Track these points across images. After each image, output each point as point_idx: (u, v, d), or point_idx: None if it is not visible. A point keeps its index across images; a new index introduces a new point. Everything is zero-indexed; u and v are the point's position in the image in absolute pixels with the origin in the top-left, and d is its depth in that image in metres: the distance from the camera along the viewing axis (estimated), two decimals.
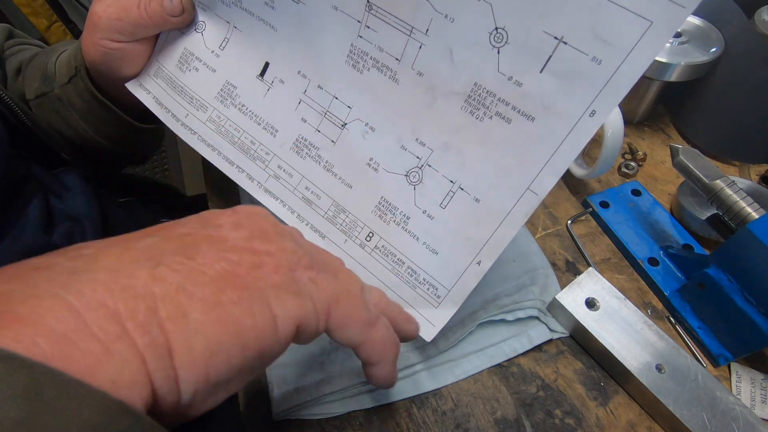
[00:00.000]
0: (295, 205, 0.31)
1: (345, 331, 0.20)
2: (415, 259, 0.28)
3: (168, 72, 0.35)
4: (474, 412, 0.32)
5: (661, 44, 0.20)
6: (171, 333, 0.14)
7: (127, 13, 0.31)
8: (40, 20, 1.62)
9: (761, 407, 0.32)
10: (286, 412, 0.32)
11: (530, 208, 0.25)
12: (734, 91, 0.43)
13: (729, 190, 0.32)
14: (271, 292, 0.17)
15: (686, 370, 0.31)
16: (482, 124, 0.25)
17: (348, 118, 0.29)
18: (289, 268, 0.18)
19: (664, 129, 0.50)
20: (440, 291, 0.28)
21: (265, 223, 0.20)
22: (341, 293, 0.20)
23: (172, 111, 0.35)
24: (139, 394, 0.13)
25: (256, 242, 0.18)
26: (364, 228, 0.29)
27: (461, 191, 0.26)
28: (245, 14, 0.32)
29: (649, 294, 0.38)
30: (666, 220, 0.41)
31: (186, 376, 0.14)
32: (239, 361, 0.16)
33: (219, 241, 0.18)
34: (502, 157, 0.25)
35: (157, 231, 0.18)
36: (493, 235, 0.26)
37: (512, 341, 0.35)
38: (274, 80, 0.32)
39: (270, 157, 0.32)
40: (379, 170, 0.29)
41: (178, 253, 0.16)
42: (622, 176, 0.46)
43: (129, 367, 0.13)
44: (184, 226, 0.18)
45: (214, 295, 0.16)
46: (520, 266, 0.38)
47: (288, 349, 0.34)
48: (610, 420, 0.32)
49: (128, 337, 0.14)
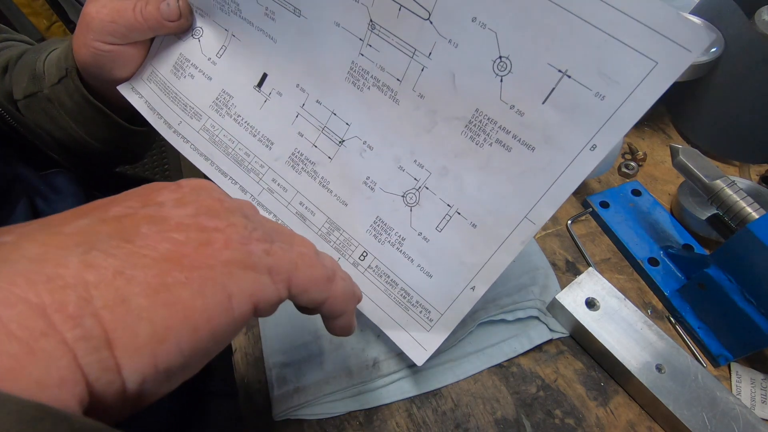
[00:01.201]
0: (288, 220, 0.31)
1: (308, 293, 0.20)
2: (408, 281, 0.28)
3: (162, 77, 0.34)
4: (474, 412, 0.32)
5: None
6: (109, 322, 0.13)
7: (122, 16, 0.31)
8: (40, 20, 1.62)
9: (761, 407, 0.32)
10: (286, 412, 0.32)
11: (527, 237, 0.24)
12: (734, 91, 0.43)
13: (729, 190, 0.32)
14: (223, 270, 0.16)
15: (686, 370, 0.31)
16: (482, 150, 0.25)
17: (346, 135, 0.29)
18: (241, 243, 0.17)
19: (664, 129, 0.50)
20: (433, 314, 0.27)
21: (211, 199, 0.18)
22: (298, 258, 0.19)
23: (164, 117, 0.34)
24: (71, 392, 0.12)
25: (203, 219, 0.17)
26: (358, 247, 0.29)
27: (458, 215, 0.26)
28: (245, 24, 0.31)
29: (649, 294, 0.38)
30: (666, 220, 0.41)
31: (130, 365, 0.14)
32: (191, 344, 0.15)
33: (161, 221, 0.16)
34: (501, 185, 0.25)
35: (90, 211, 0.16)
36: (489, 261, 0.25)
37: (512, 341, 0.35)
38: (272, 92, 0.31)
39: (264, 170, 0.31)
40: (375, 189, 0.28)
41: (114, 237, 0.15)
42: (622, 176, 0.46)
43: (56, 365, 0.12)
44: (121, 204, 0.17)
45: (158, 277, 0.15)
46: (520, 266, 0.38)
47: (288, 349, 0.34)
48: (610, 420, 0.32)
49: (55, 332, 0.12)
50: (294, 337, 0.35)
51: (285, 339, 0.35)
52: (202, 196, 0.18)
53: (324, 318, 0.22)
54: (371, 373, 0.33)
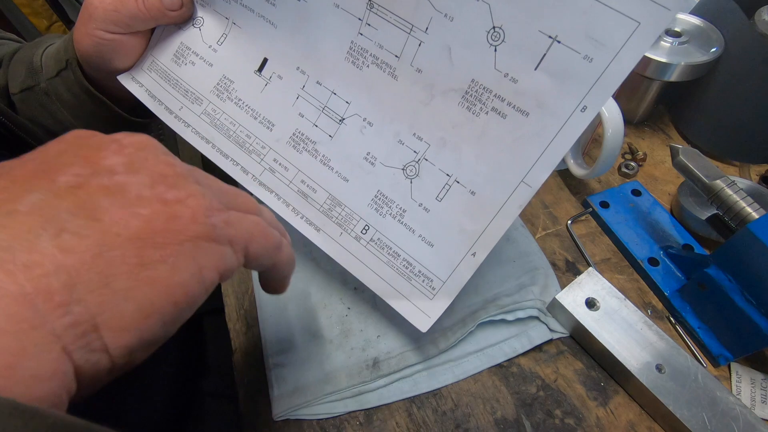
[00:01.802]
0: (290, 198, 0.31)
1: (259, 260, 0.20)
2: (410, 252, 0.28)
3: (162, 65, 0.35)
4: (474, 412, 0.32)
5: (649, 43, 0.21)
6: (95, 306, 0.13)
7: (125, 5, 0.31)
8: (40, 20, 1.62)
9: (761, 407, 0.32)
10: (286, 412, 0.32)
11: (524, 200, 0.25)
12: (734, 91, 0.43)
13: (729, 190, 0.32)
14: (192, 244, 0.16)
15: (686, 370, 0.31)
16: (479, 120, 0.26)
17: (346, 113, 0.30)
18: (204, 215, 0.17)
19: (664, 129, 0.50)
20: (435, 283, 0.28)
21: (161, 164, 0.18)
22: (253, 228, 0.20)
23: (165, 104, 0.35)
24: (61, 382, 0.13)
25: (162, 189, 0.17)
26: (360, 221, 0.30)
27: (457, 184, 0.27)
28: (245, 11, 0.32)
29: (649, 294, 0.38)
30: (666, 220, 0.41)
31: (117, 343, 0.14)
32: (172, 316, 0.16)
33: (119, 193, 0.16)
34: (498, 152, 0.26)
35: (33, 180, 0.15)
36: (488, 227, 0.26)
37: (512, 341, 0.35)
38: (272, 76, 0.32)
39: (266, 151, 0.32)
40: (376, 164, 0.29)
41: (77, 214, 0.14)
42: (622, 176, 0.46)
43: (48, 357, 0.12)
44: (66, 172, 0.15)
45: (135, 257, 0.15)
46: (520, 266, 0.38)
47: (288, 349, 0.34)
48: (610, 420, 0.32)
49: (44, 323, 0.12)
50: (294, 337, 0.35)
51: (285, 339, 0.35)
52: (150, 160, 0.17)
53: (262, 276, 0.23)
54: (371, 373, 0.33)
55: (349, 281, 0.38)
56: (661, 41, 0.44)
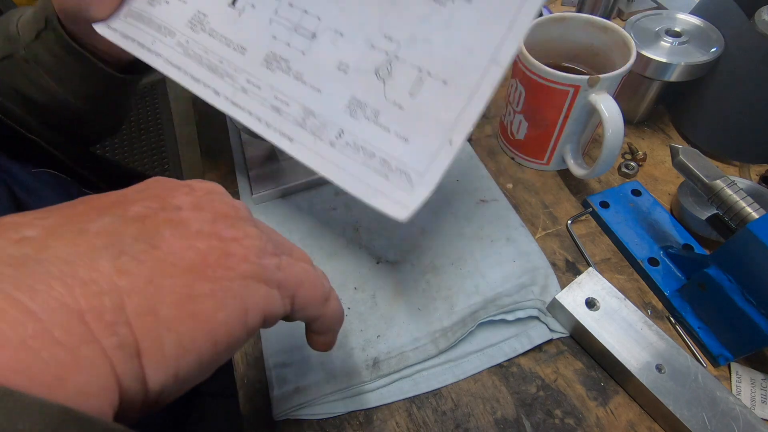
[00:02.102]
0: (263, 114, 0.31)
1: (305, 311, 0.20)
2: (387, 150, 0.29)
3: (137, 9, 0.35)
4: (474, 412, 0.32)
5: None
6: (140, 331, 0.13)
7: None
8: None
9: (761, 407, 0.32)
10: (286, 412, 0.32)
11: (496, 80, 0.26)
12: (734, 91, 0.43)
13: (729, 190, 0.32)
14: (242, 283, 0.16)
15: (686, 370, 0.31)
16: (445, 9, 0.27)
17: (318, 28, 0.30)
18: (257, 256, 0.17)
19: (664, 129, 0.50)
20: (413, 176, 0.28)
21: (225, 205, 0.18)
22: (304, 276, 0.20)
23: (138, 40, 0.35)
24: (108, 400, 0.13)
25: (221, 227, 0.17)
26: (334, 127, 0.30)
27: (428, 77, 0.27)
28: None
29: (649, 294, 0.38)
30: (666, 220, 0.41)
31: (154, 375, 0.14)
32: (210, 356, 0.15)
33: (181, 225, 0.16)
34: (466, 36, 0.26)
35: (108, 208, 0.16)
36: (463, 112, 0.27)
37: (512, 341, 0.35)
38: (245, 6, 0.32)
39: (238, 74, 0.32)
40: (348, 72, 0.30)
41: (140, 240, 0.15)
42: (622, 176, 0.46)
43: (98, 373, 0.12)
44: (139, 203, 0.16)
45: (185, 288, 0.15)
46: (520, 266, 0.38)
47: (288, 349, 0.34)
48: (610, 420, 0.32)
49: (94, 339, 0.12)
50: (294, 337, 0.35)
51: (285, 339, 0.35)
52: (216, 201, 0.18)
53: (309, 332, 0.23)
54: (371, 373, 0.33)
55: (349, 281, 0.38)
56: (661, 41, 0.44)
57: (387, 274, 0.39)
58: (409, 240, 0.41)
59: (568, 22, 0.42)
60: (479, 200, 0.43)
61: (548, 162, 0.45)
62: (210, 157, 0.49)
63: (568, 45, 0.44)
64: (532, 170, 0.47)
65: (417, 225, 0.42)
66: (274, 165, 0.46)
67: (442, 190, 0.45)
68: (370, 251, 0.40)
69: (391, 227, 0.42)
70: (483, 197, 0.44)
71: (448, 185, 0.45)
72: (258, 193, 0.44)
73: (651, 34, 0.45)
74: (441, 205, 0.43)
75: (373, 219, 0.43)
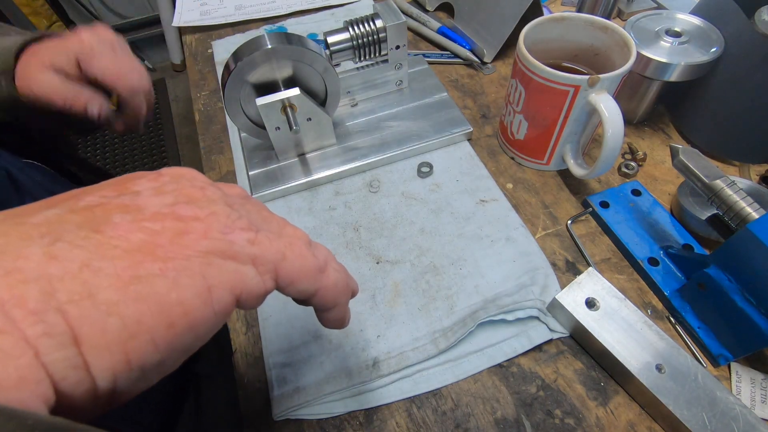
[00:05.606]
0: None
1: (297, 285, 0.19)
2: None
3: None
4: (474, 412, 0.32)
5: None
6: (75, 318, 0.13)
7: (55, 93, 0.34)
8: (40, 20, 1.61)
9: (761, 407, 0.32)
10: (286, 412, 0.32)
11: None
12: (734, 91, 0.43)
13: (729, 190, 0.32)
14: (202, 260, 0.15)
15: (686, 370, 0.31)
16: None
17: None
18: (221, 232, 0.16)
19: (664, 129, 0.50)
20: None
21: (192, 188, 0.17)
22: (286, 248, 0.18)
23: None
24: (34, 392, 0.12)
25: (182, 208, 0.16)
26: None
27: None
28: None
29: (649, 294, 0.38)
30: (666, 220, 0.41)
31: (99, 362, 0.13)
32: (166, 339, 0.14)
33: (135, 210, 0.15)
34: None
35: (60, 201, 0.15)
36: None
37: (512, 341, 0.35)
38: None
39: None
40: None
41: (83, 227, 0.14)
42: (622, 176, 0.46)
43: (15, 363, 0.12)
44: (94, 193, 0.16)
45: (128, 269, 0.14)
46: (520, 266, 0.38)
47: (288, 349, 0.34)
48: (610, 420, 0.32)
49: (14, 329, 0.12)
50: (294, 337, 0.35)
51: (285, 339, 0.35)
52: (183, 185, 0.17)
53: (315, 310, 0.22)
54: (371, 373, 0.33)
55: None
56: (661, 41, 0.44)
57: (387, 274, 0.39)
58: (409, 240, 0.41)
59: (568, 22, 0.42)
60: (479, 200, 0.43)
61: (548, 162, 0.45)
62: (210, 157, 0.49)
63: (568, 45, 0.44)
64: (532, 170, 0.47)
65: (417, 225, 0.42)
66: (274, 165, 0.46)
67: (443, 190, 0.45)
68: (370, 251, 0.40)
69: (391, 227, 0.42)
70: (483, 197, 0.44)
71: (448, 185, 0.45)
72: (258, 193, 0.44)
73: (651, 34, 0.45)
74: (441, 205, 0.43)
75: (373, 219, 0.43)
